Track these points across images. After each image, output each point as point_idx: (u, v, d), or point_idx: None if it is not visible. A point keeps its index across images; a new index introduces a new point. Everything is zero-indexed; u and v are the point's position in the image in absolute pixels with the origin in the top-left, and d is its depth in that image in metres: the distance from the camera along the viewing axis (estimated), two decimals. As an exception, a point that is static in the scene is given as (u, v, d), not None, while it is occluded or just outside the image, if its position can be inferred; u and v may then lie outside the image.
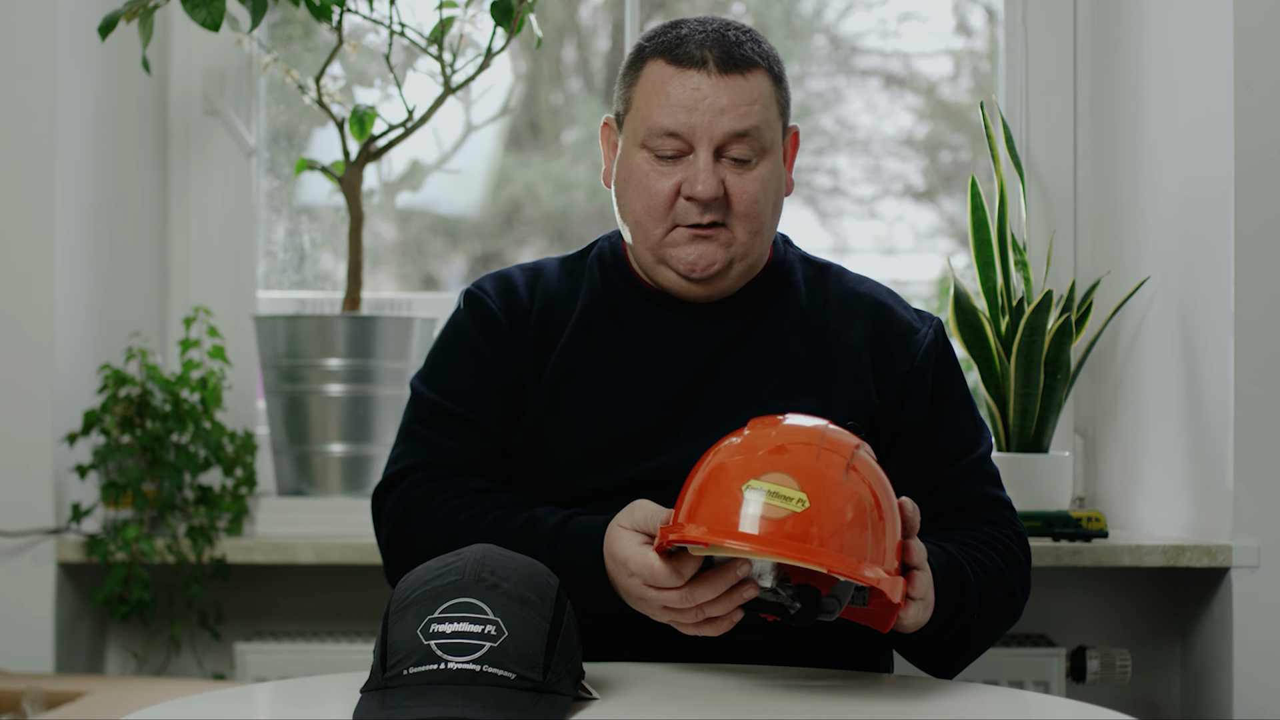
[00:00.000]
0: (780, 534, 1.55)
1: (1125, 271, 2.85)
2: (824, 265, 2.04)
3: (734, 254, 1.90)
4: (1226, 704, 2.54)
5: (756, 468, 1.58)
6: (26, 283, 2.67)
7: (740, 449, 1.62)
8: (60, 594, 2.69)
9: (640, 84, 1.90)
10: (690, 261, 1.89)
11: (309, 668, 2.67)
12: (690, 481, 1.64)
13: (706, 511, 1.59)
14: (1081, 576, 2.88)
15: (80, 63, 2.75)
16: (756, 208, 1.89)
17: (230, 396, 2.94)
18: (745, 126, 1.86)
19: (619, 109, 1.94)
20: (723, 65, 1.86)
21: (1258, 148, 2.49)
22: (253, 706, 1.69)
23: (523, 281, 2.00)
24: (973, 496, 1.94)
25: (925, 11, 3.21)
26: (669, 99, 1.86)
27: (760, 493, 1.57)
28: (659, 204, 1.88)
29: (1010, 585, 1.88)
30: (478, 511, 1.85)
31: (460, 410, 1.94)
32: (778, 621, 1.70)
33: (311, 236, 3.15)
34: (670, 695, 1.64)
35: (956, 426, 1.96)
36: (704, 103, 1.85)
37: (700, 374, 1.93)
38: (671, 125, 1.86)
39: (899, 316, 1.98)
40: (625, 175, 1.92)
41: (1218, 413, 2.53)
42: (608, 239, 2.04)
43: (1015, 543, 1.92)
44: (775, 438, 1.63)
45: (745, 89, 1.87)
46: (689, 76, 1.86)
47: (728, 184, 1.87)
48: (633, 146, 1.90)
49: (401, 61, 3.05)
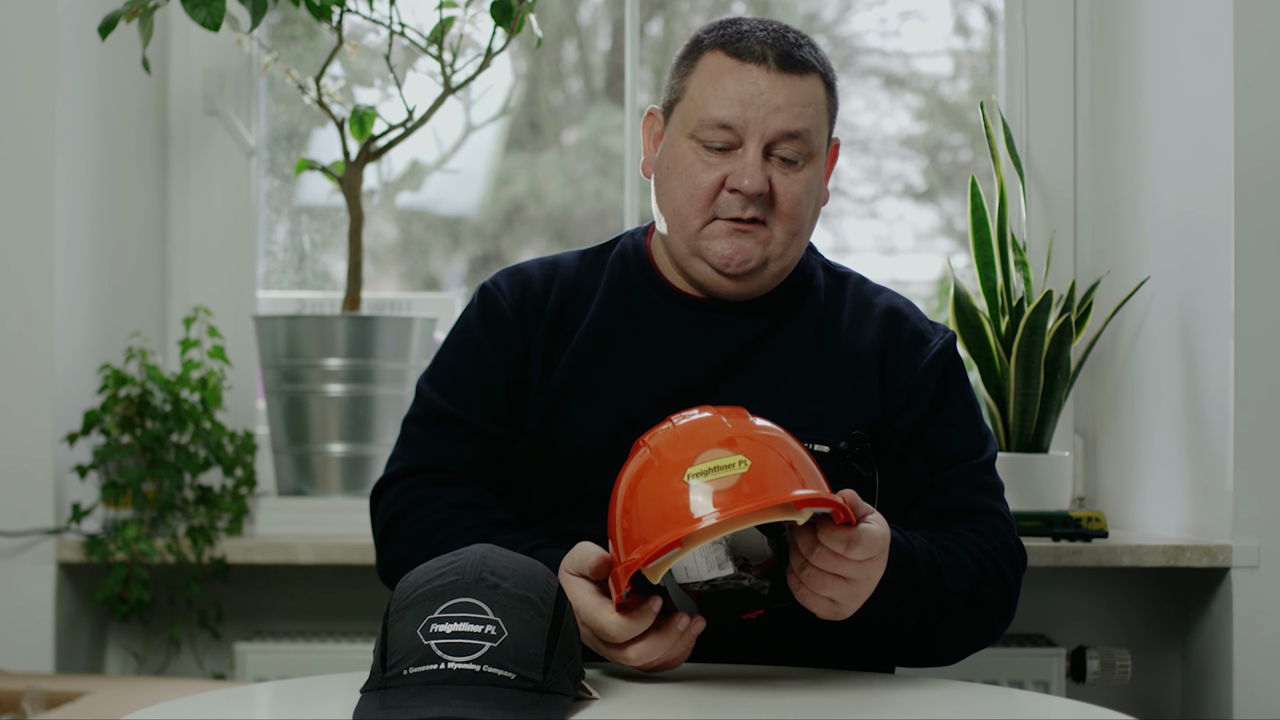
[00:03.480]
0: (742, 497, 1.55)
1: (1125, 271, 2.85)
2: (844, 274, 2.03)
3: (770, 253, 1.89)
4: (1226, 704, 2.54)
5: (682, 461, 1.59)
6: (26, 283, 2.67)
7: (654, 457, 1.62)
8: (60, 594, 2.69)
9: (696, 73, 1.90)
10: (726, 256, 1.88)
11: (309, 668, 2.67)
12: (615, 514, 1.63)
13: (651, 524, 1.58)
14: (1081, 576, 2.88)
15: (80, 63, 2.75)
16: (799, 209, 1.88)
17: (230, 396, 2.94)
18: (797, 127, 1.86)
19: (669, 98, 1.94)
20: (782, 64, 1.86)
21: (1258, 148, 2.49)
22: (253, 706, 1.69)
23: (539, 276, 1.99)
24: (962, 503, 1.90)
25: (925, 11, 3.21)
26: (725, 91, 1.86)
27: (701, 475, 1.57)
28: (702, 194, 1.88)
29: (980, 592, 1.83)
30: (456, 530, 1.86)
31: (456, 411, 1.95)
32: (762, 615, 1.70)
33: (311, 236, 3.15)
34: (670, 695, 1.64)
35: (955, 433, 1.93)
36: (760, 98, 1.85)
37: (711, 377, 1.92)
38: (725, 117, 1.86)
39: (911, 325, 1.97)
40: (669, 163, 1.91)
41: (1218, 413, 2.53)
42: (631, 236, 2.03)
43: (1001, 554, 1.88)
44: (676, 433, 1.63)
45: (801, 90, 1.87)
46: (748, 70, 1.86)
47: (773, 182, 1.87)
48: (680, 135, 1.90)
49: (401, 61, 3.05)
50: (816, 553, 1.63)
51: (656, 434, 1.65)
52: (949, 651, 1.87)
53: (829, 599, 1.66)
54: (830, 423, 1.88)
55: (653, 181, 1.95)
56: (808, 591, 1.66)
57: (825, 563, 1.63)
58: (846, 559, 1.63)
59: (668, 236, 1.93)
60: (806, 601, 1.68)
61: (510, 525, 1.89)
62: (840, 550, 1.62)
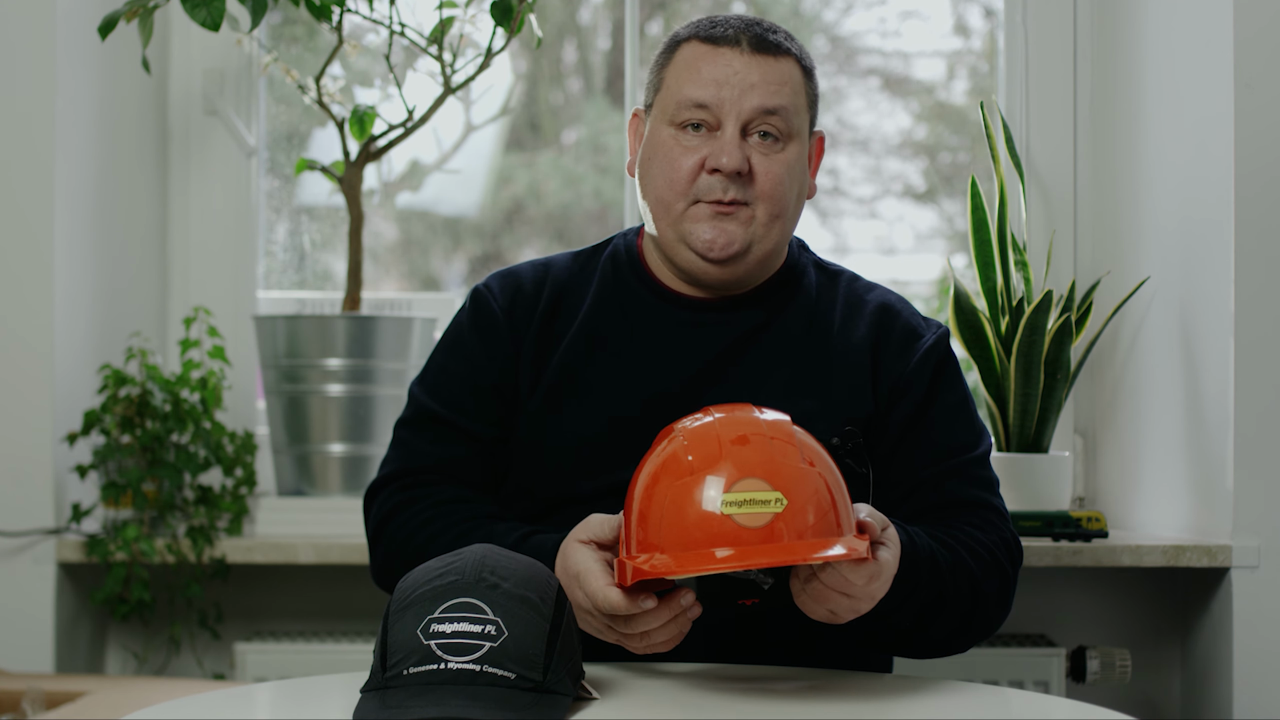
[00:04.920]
0: (767, 545, 1.54)
1: (1125, 271, 2.85)
2: (836, 271, 2.03)
3: (753, 235, 1.90)
4: (1226, 704, 2.54)
5: (717, 476, 1.56)
6: (26, 283, 2.67)
7: (688, 458, 1.59)
8: (60, 594, 2.69)
9: (673, 64, 1.92)
10: (709, 240, 1.89)
11: (309, 668, 2.67)
12: (633, 500, 1.62)
13: (670, 535, 1.57)
14: (1081, 576, 2.88)
15: (80, 63, 2.75)
16: (780, 189, 1.89)
17: (230, 396, 2.94)
18: (774, 104, 1.88)
19: (649, 96, 1.96)
20: (755, 45, 1.89)
21: (1258, 148, 2.49)
22: (253, 706, 1.69)
23: (531, 278, 2.00)
24: (956, 497, 1.90)
25: (925, 11, 3.21)
26: (700, 74, 1.89)
27: (735, 505, 1.55)
28: (682, 177, 1.89)
29: (980, 588, 1.84)
30: (443, 525, 1.87)
31: (445, 413, 1.95)
32: (756, 604, 1.71)
33: (311, 236, 3.15)
34: (670, 695, 1.64)
35: (947, 428, 1.93)
36: (735, 78, 1.87)
37: (702, 375, 1.92)
38: (702, 97, 1.87)
39: (903, 321, 1.98)
40: (650, 153, 1.92)
41: (1218, 413, 2.53)
42: (623, 237, 2.04)
43: (999, 548, 1.88)
44: (717, 437, 1.60)
45: (776, 69, 1.89)
46: (721, 53, 1.89)
47: (753, 162, 1.88)
48: (661, 125, 1.91)
49: (401, 61, 3.05)
50: (827, 572, 1.65)
51: (692, 431, 1.62)
52: (946, 645, 1.88)
53: (829, 610, 1.68)
54: (822, 418, 1.88)
55: (637, 177, 1.96)
56: (809, 600, 1.68)
57: (834, 582, 1.65)
58: (855, 582, 1.64)
59: (654, 226, 1.94)
60: (806, 608, 1.69)
61: (497, 517, 1.89)
62: (854, 579, 1.64)
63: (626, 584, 1.60)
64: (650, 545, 1.59)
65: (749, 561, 1.53)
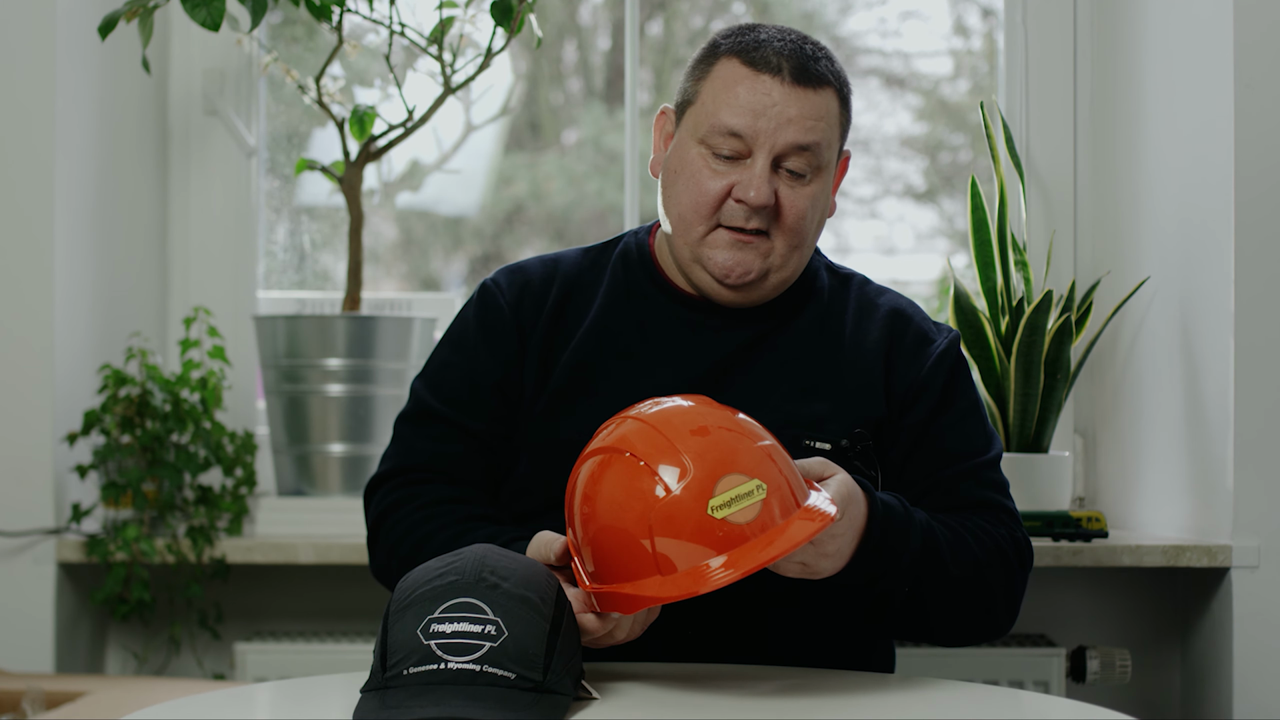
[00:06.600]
0: (764, 526, 1.54)
1: (1125, 271, 2.85)
2: (847, 274, 2.03)
3: (770, 265, 1.89)
4: (1226, 704, 2.54)
5: (703, 486, 1.54)
6: (26, 283, 2.67)
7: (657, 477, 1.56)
8: (60, 594, 2.69)
9: (710, 79, 1.88)
10: (726, 267, 1.88)
11: (309, 668, 2.67)
12: (594, 527, 1.59)
13: (670, 557, 1.55)
14: (1081, 576, 2.88)
15: (80, 63, 2.75)
16: (802, 223, 1.88)
17: (230, 396, 2.94)
18: (808, 140, 1.85)
19: (681, 99, 1.93)
20: (796, 76, 1.85)
21: (1258, 148, 2.49)
22: (253, 706, 1.69)
23: (539, 274, 1.99)
24: (968, 499, 1.90)
25: (925, 11, 3.21)
26: (738, 99, 1.85)
27: (726, 507, 1.54)
28: (707, 202, 1.87)
29: (983, 575, 1.83)
30: (436, 525, 1.87)
31: (445, 410, 1.95)
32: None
33: (311, 236, 3.15)
34: (670, 695, 1.64)
35: (960, 432, 1.93)
36: (772, 109, 1.84)
37: (712, 377, 1.91)
38: (736, 126, 1.84)
39: (915, 326, 1.97)
40: (677, 167, 1.90)
41: (1218, 413, 2.53)
42: (634, 235, 2.03)
43: (1008, 544, 1.87)
44: (673, 435, 1.58)
45: (814, 104, 1.86)
46: (761, 81, 1.85)
47: (779, 195, 1.86)
48: (690, 139, 1.89)
49: (401, 61, 3.05)
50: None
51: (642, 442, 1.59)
52: (946, 631, 1.86)
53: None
54: (833, 421, 1.88)
55: (660, 181, 1.95)
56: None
57: None
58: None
59: (672, 239, 1.93)
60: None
61: (489, 519, 1.89)
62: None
63: (630, 612, 1.58)
64: (630, 572, 1.56)
65: (743, 571, 1.52)
